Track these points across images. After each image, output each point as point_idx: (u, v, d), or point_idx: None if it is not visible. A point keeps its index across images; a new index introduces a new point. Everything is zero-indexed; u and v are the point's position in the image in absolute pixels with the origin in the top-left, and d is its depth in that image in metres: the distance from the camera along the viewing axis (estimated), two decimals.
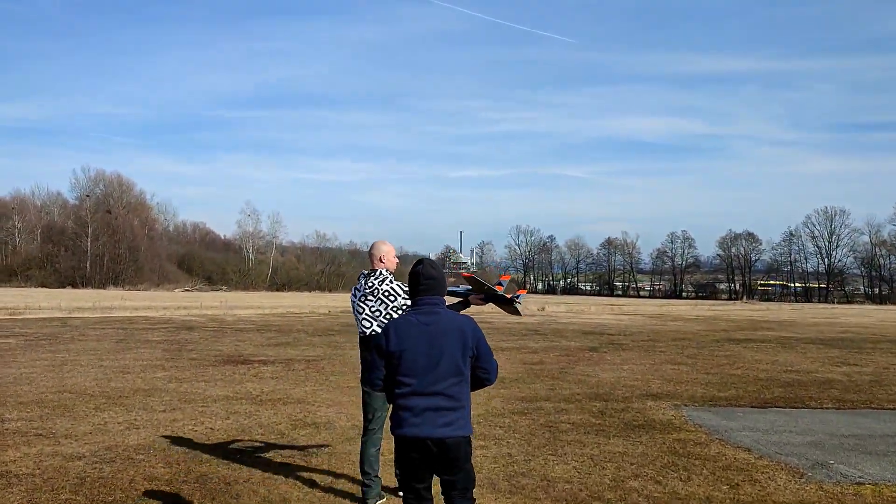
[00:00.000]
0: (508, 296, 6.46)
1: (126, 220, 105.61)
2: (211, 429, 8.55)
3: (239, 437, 8.10)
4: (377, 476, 5.95)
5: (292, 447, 7.69)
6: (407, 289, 5.62)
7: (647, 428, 9.02)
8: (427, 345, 4.08)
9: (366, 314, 5.97)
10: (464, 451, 4.08)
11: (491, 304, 6.31)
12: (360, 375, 6.35)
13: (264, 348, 18.47)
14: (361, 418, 6.31)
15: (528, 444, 7.99)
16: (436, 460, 4.04)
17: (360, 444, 6.14)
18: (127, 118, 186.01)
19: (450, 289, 6.36)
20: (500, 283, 6.61)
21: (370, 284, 5.97)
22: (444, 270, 6.20)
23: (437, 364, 4.05)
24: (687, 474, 6.86)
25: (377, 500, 5.87)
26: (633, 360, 17.15)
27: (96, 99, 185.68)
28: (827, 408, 11.02)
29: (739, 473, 6.93)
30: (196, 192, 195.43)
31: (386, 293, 5.93)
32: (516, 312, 6.63)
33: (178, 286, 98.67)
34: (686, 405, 10.95)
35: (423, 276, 4.31)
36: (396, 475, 5.39)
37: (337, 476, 6.66)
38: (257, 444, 7.81)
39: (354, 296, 6.12)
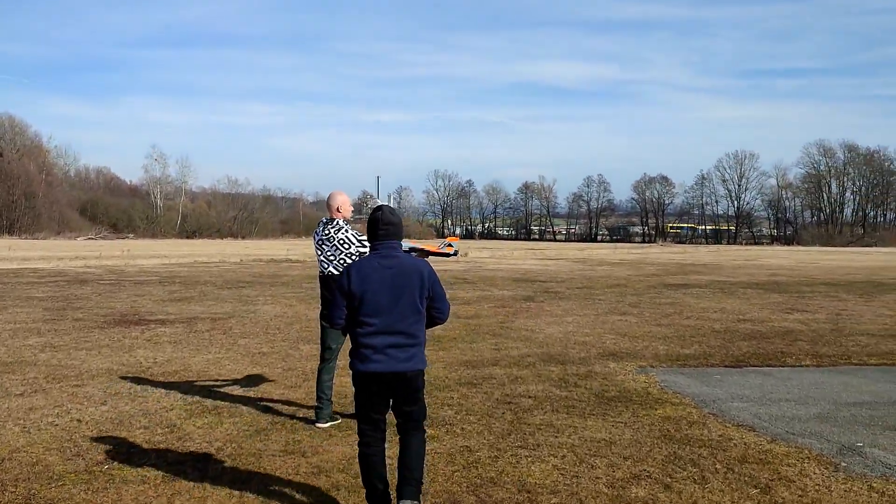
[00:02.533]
0: (450, 251, 9.71)
1: (20, 165, 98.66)
2: (78, 420, 6.60)
3: (113, 433, 6.19)
4: (329, 400, 6.56)
5: (179, 452, 5.82)
6: (362, 237, 6.34)
7: (623, 401, 7.52)
8: (389, 286, 4.30)
9: (322, 257, 6.59)
10: (420, 383, 4.42)
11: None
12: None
13: (165, 304, 16.31)
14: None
15: (488, 431, 6.36)
16: (396, 393, 4.35)
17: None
18: (23, 57, 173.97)
19: None
20: (449, 245, 9.50)
21: (326, 232, 6.56)
22: (360, 216, 7.26)
23: (398, 304, 4.29)
24: (699, 472, 5.35)
25: (329, 421, 6.48)
26: (574, 311, 15.77)
27: None
28: (807, 365, 9.81)
29: (762, 468, 5.46)
30: (99, 137, 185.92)
31: (341, 241, 6.49)
32: (454, 255, 7.67)
33: (80, 234, 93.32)
34: (653, 367, 9.54)
35: (382, 221, 4.47)
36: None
37: (239, 493, 4.86)
38: (134, 445, 5.91)
39: (314, 239, 6.74)
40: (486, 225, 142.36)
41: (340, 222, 6.55)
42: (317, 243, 6.65)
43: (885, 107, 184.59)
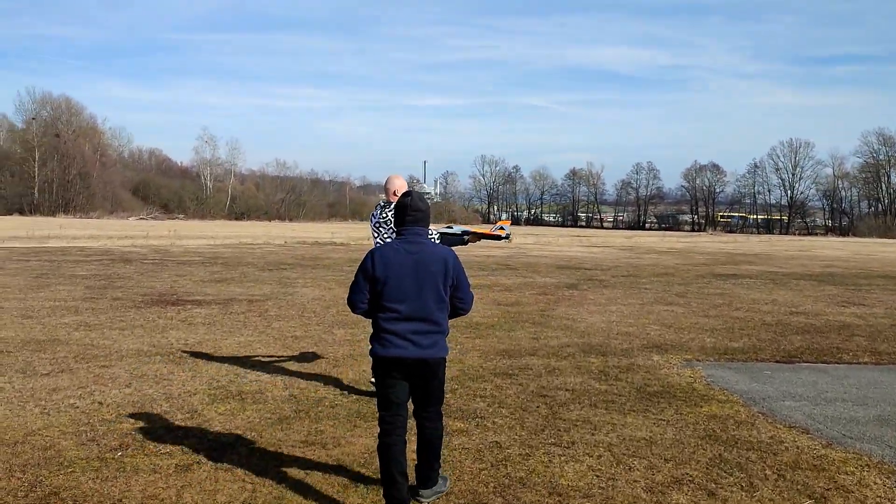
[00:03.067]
0: (503, 234, 7.73)
1: (76, 145, 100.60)
2: (100, 403, 6.43)
3: (133, 417, 6.00)
4: None
5: (196, 440, 5.60)
6: None
7: (666, 396, 7.11)
8: (413, 273, 4.24)
9: (379, 239, 6.67)
10: (442, 370, 4.38)
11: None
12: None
13: (204, 285, 16.26)
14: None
15: (520, 426, 6.01)
16: (416, 380, 4.30)
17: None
18: (79, 41, 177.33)
19: (442, 230, 7.10)
20: (501, 228, 7.86)
21: (384, 215, 6.66)
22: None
23: (422, 291, 4.23)
24: (747, 478, 4.94)
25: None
26: (618, 300, 15.30)
27: (48, 20, 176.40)
28: (865, 362, 9.25)
29: (816, 475, 5.03)
30: (152, 118, 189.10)
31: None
32: (507, 238, 7.76)
33: (132, 214, 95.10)
34: (699, 360, 9.09)
35: (410, 207, 4.41)
36: (372, 382, 6.34)
37: (252, 487, 4.61)
38: (152, 431, 5.71)
39: (370, 222, 6.86)
40: (533, 211, 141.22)
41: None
42: (374, 226, 6.76)
43: None
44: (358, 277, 4.33)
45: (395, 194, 6.60)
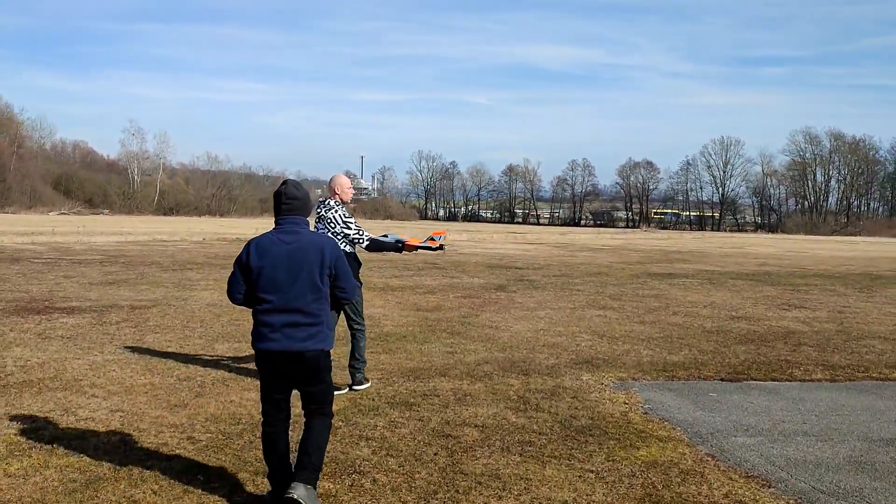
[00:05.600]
0: (436, 244, 7.63)
1: None
2: None
3: None
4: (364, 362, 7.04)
5: None
6: (348, 219, 6.88)
7: (596, 433, 5.82)
8: (286, 263, 4.14)
9: None
10: (323, 364, 4.23)
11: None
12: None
13: (90, 288, 14.47)
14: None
15: (408, 486, 4.62)
16: (295, 373, 4.17)
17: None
18: (2, 28, 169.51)
19: (377, 237, 7.23)
20: (432, 238, 7.67)
21: (320, 211, 6.87)
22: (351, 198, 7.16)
23: (295, 281, 4.12)
24: None
25: (364, 384, 6.98)
26: (549, 304, 14.10)
27: None
28: (818, 379, 8.17)
29: None
30: (77, 110, 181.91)
31: (329, 220, 6.85)
32: (440, 249, 7.81)
33: (52, 209, 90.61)
34: (635, 379, 7.88)
35: (285, 196, 4.29)
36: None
37: None
38: None
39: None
40: (470, 207, 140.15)
41: (332, 202, 6.93)
42: (315, 222, 6.86)
43: (872, 96, 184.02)
44: (235, 269, 4.27)
45: (335, 192, 6.95)
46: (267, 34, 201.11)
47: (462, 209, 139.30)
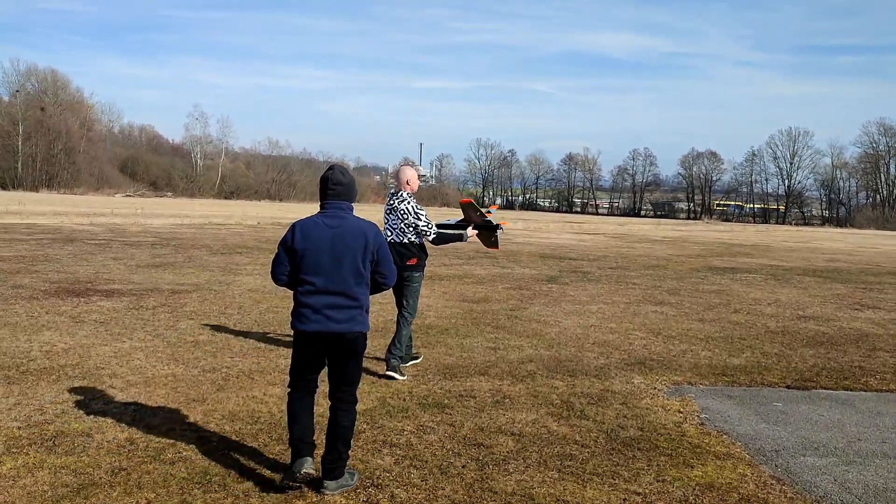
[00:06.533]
0: (488, 216, 7.66)
1: (61, 120, 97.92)
2: None
3: None
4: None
5: None
6: (420, 210, 6.96)
7: (645, 447, 5.24)
8: (330, 246, 4.18)
9: (387, 226, 7.00)
10: (361, 346, 4.32)
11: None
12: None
13: (136, 271, 14.34)
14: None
15: (430, 503, 4.14)
16: (332, 354, 4.25)
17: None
18: (70, 13, 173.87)
19: (441, 222, 7.61)
20: (488, 211, 7.75)
21: (391, 203, 7.03)
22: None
23: (339, 265, 4.18)
24: None
25: (398, 375, 6.78)
26: (602, 297, 13.44)
27: None
28: None
29: None
30: (145, 95, 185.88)
31: (402, 211, 6.92)
32: (495, 245, 7.90)
33: (119, 191, 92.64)
34: (691, 384, 7.25)
35: (331, 181, 4.35)
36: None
37: None
38: None
39: (385, 209, 7.15)
40: (528, 196, 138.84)
41: (404, 194, 7.00)
42: (385, 213, 7.09)
43: None
44: (279, 249, 4.33)
45: (407, 183, 7.04)
46: (331, 21, 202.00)
47: (520, 197, 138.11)
